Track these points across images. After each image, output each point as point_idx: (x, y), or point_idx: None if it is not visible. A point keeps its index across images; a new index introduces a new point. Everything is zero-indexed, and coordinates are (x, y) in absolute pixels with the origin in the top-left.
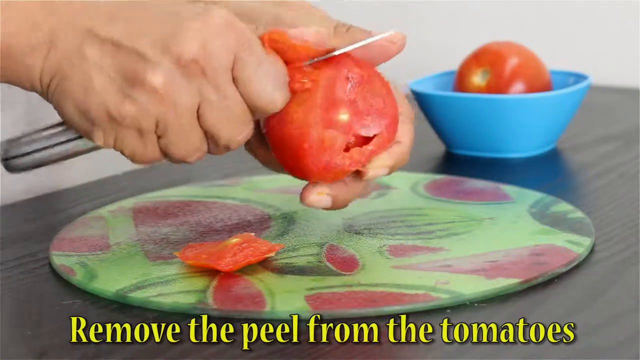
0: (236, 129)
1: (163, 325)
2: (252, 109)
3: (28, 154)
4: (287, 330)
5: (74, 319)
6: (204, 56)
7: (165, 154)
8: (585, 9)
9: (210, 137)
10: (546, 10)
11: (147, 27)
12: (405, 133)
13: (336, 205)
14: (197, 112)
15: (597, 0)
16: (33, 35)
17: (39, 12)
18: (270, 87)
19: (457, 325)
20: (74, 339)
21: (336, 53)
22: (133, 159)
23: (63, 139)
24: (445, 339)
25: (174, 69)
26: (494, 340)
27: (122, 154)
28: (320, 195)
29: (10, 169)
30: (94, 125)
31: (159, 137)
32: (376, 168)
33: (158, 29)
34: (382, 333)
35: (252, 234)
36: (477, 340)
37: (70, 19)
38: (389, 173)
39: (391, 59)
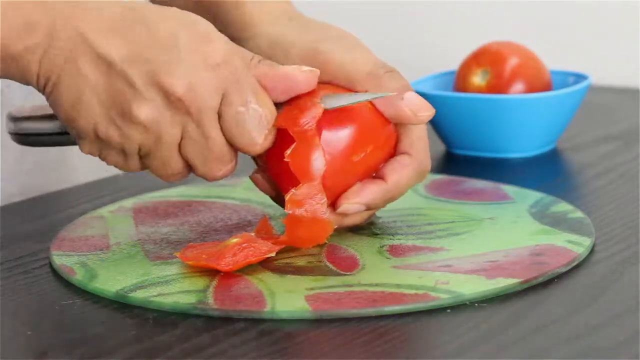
0: (215, 167)
1: (163, 325)
2: (235, 148)
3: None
4: (287, 330)
5: (73, 319)
6: (191, 96)
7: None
8: (585, 9)
9: (190, 166)
10: (546, 10)
11: (144, 52)
12: (392, 173)
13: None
14: (179, 143)
15: (597, 0)
16: (28, 36)
17: (34, 10)
18: (253, 130)
19: (457, 325)
20: (74, 339)
21: (348, 103)
22: (116, 168)
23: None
24: (446, 339)
25: (161, 103)
26: (494, 340)
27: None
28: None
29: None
30: (80, 135)
31: (141, 157)
32: (349, 203)
33: (153, 57)
34: (382, 333)
35: (252, 234)
36: (477, 340)
37: (68, 20)
38: (367, 210)
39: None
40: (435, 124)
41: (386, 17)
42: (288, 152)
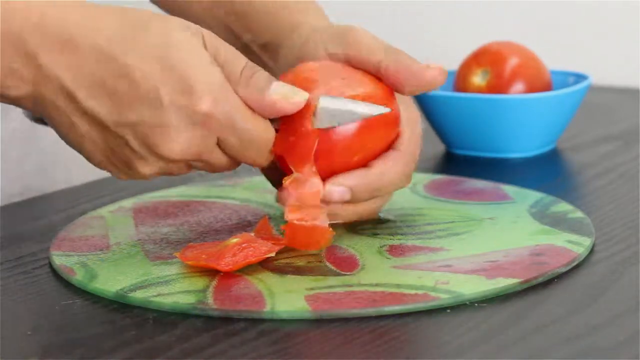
0: (220, 171)
1: (163, 325)
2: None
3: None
4: (287, 330)
5: (74, 319)
6: (188, 153)
7: None
8: (585, 9)
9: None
10: (546, 10)
11: (130, 113)
12: (378, 163)
13: (355, 200)
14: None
15: (597, 0)
16: (16, 87)
17: (14, 59)
18: (253, 154)
19: (457, 325)
20: (74, 339)
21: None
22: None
23: None
24: (446, 339)
25: (162, 163)
26: (494, 340)
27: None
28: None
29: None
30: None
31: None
32: (334, 184)
33: (141, 117)
34: (382, 333)
35: (252, 234)
36: (477, 340)
37: (52, 76)
38: (352, 200)
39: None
40: (435, 124)
41: (386, 17)
42: (287, 181)
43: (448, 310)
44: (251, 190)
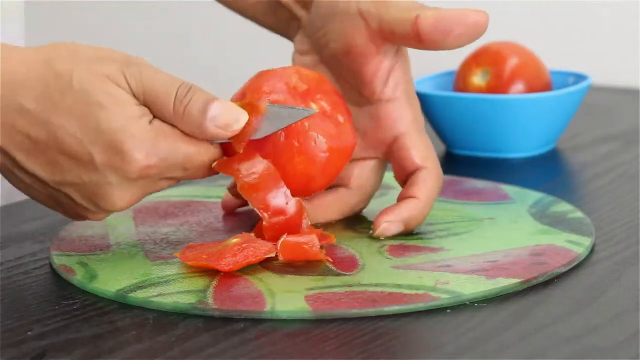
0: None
1: (163, 325)
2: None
3: None
4: (287, 330)
5: (74, 319)
6: (134, 200)
7: None
8: (585, 9)
9: None
10: (546, 10)
11: (67, 175)
12: (420, 190)
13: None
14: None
15: (597, 1)
16: None
17: None
18: (200, 174)
19: (457, 325)
20: (74, 339)
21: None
22: None
23: None
24: (446, 339)
25: (112, 211)
26: (494, 340)
27: None
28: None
29: None
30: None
31: None
32: (382, 223)
33: (77, 180)
34: (382, 333)
35: (252, 234)
36: (477, 340)
37: None
38: (405, 229)
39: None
40: (435, 124)
41: None
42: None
43: (448, 310)
44: None
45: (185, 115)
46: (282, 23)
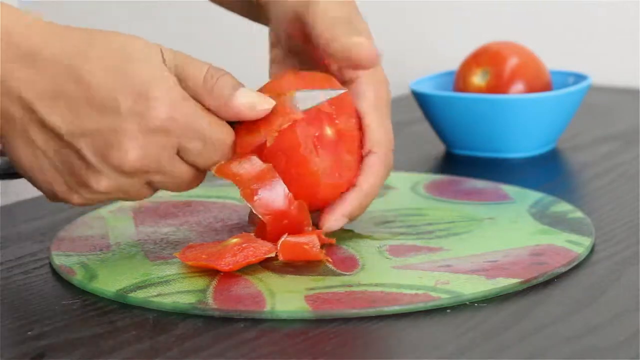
0: (186, 188)
1: (163, 325)
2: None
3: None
4: (287, 330)
5: (74, 319)
6: (144, 163)
7: None
8: (585, 9)
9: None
10: (546, 10)
11: (87, 122)
12: (366, 176)
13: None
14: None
15: (597, 1)
16: None
17: None
18: (216, 158)
19: (457, 325)
20: (74, 339)
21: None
22: None
23: None
24: (446, 339)
25: (118, 175)
26: (494, 340)
27: None
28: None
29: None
30: (41, 191)
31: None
32: (327, 222)
33: (97, 126)
34: (382, 333)
35: (252, 234)
36: (477, 340)
37: (10, 87)
38: (349, 221)
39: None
40: (435, 124)
41: (386, 17)
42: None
43: (448, 310)
44: None
45: (215, 88)
46: (260, 19)
